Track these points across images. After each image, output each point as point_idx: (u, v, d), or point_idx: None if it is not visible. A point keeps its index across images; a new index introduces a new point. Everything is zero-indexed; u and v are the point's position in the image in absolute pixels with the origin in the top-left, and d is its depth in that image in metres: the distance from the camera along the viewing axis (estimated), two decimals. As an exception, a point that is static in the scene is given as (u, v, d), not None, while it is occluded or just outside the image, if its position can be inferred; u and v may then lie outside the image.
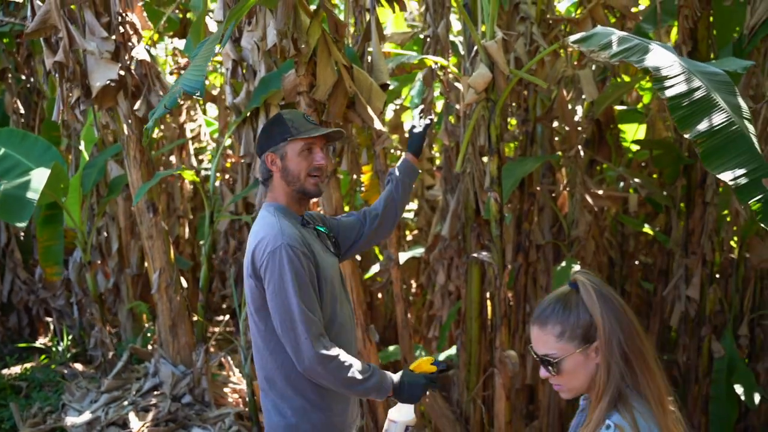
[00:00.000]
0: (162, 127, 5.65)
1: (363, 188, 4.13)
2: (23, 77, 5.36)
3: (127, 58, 3.09)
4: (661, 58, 2.20)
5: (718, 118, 2.05)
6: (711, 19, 4.22)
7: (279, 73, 2.85)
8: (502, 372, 3.13)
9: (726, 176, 1.97)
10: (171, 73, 5.81)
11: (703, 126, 2.03)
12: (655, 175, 5.26)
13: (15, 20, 4.72)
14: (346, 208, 5.00)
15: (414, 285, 6.26)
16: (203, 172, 5.93)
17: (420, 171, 2.49)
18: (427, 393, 2.03)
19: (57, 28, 2.86)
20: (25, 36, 2.97)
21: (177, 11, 5.12)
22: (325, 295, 1.99)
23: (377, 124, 2.62)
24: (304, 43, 2.37)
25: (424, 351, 5.00)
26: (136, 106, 3.11)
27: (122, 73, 3.06)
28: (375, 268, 4.98)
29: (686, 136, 2.03)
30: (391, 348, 4.87)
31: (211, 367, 3.69)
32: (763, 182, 1.68)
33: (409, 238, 6.74)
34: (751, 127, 2.15)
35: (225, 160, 5.45)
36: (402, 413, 2.00)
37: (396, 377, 1.99)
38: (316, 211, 2.36)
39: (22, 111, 5.21)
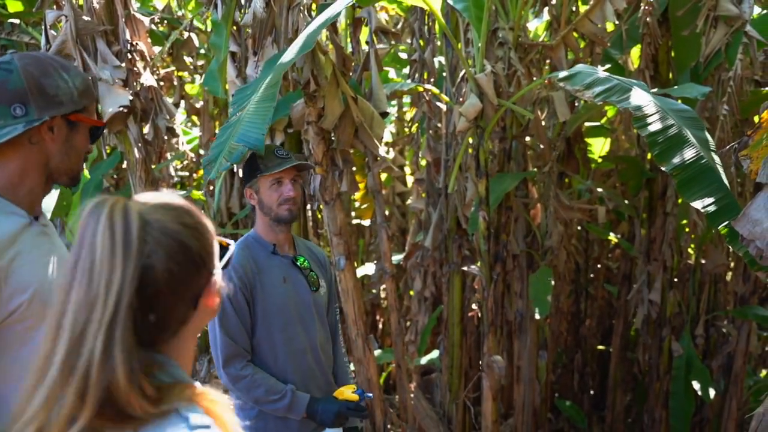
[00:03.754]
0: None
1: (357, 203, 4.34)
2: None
3: (135, 84, 3.24)
4: (639, 98, 2.49)
5: (690, 153, 2.35)
6: (671, 45, 4.58)
7: (285, 101, 3.05)
8: (490, 375, 3.39)
9: (698, 204, 2.28)
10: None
11: (677, 160, 2.33)
12: (615, 185, 5.63)
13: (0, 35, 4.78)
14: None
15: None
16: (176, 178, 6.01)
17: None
18: (348, 419, 2.20)
19: (72, 57, 3.00)
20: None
21: (159, 26, 5.22)
22: (269, 320, 2.21)
23: (381, 151, 2.85)
24: (323, 78, 2.59)
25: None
26: (145, 130, 3.26)
27: (131, 98, 3.21)
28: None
29: (663, 168, 2.33)
30: (377, 352, 5.10)
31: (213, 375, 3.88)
32: (732, 224, 1.98)
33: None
34: (716, 158, 2.46)
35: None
36: None
37: (314, 402, 2.20)
38: (321, 248, 2.56)
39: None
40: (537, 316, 4.22)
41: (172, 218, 0.94)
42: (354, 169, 3.36)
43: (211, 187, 5.87)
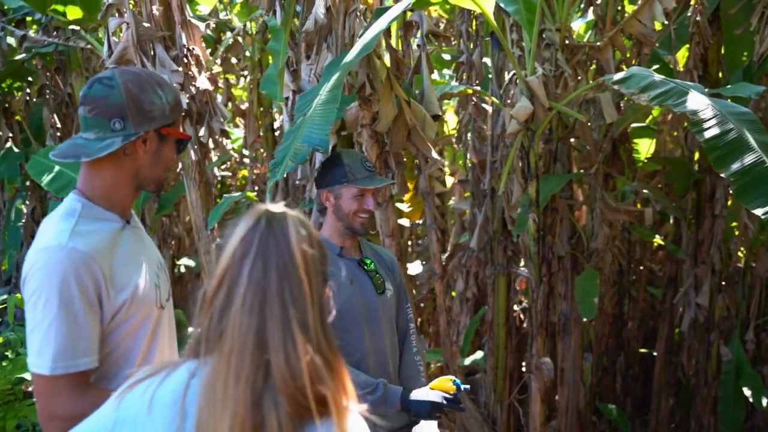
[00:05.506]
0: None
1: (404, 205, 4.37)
2: (58, 93, 5.57)
3: (191, 87, 3.33)
4: (697, 102, 2.47)
5: (750, 158, 2.33)
6: (721, 44, 4.51)
7: (339, 104, 3.09)
8: (538, 377, 3.40)
9: (759, 211, 2.25)
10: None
11: (736, 165, 2.31)
12: (660, 185, 5.54)
13: (58, 41, 4.94)
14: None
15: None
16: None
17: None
18: (444, 411, 2.08)
19: (133, 62, 3.10)
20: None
21: (210, 31, 5.34)
22: (334, 322, 2.15)
23: (434, 154, 2.89)
24: (378, 82, 2.63)
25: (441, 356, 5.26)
26: (201, 133, 3.35)
27: (188, 101, 3.30)
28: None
29: (722, 175, 2.31)
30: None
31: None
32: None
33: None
34: (777, 162, 2.43)
35: (253, 173, 5.69)
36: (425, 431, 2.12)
37: (408, 393, 2.11)
38: (388, 251, 2.54)
39: (59, 125, 5.43)
40: (584, 319, 4.19)
41: None
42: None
43: (256, 188, 5.99)
